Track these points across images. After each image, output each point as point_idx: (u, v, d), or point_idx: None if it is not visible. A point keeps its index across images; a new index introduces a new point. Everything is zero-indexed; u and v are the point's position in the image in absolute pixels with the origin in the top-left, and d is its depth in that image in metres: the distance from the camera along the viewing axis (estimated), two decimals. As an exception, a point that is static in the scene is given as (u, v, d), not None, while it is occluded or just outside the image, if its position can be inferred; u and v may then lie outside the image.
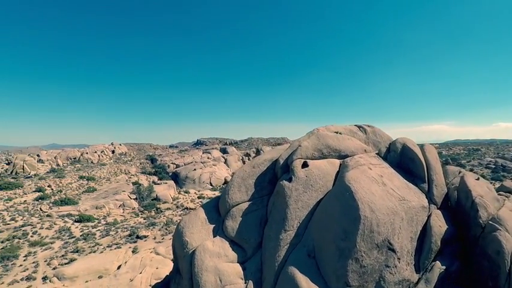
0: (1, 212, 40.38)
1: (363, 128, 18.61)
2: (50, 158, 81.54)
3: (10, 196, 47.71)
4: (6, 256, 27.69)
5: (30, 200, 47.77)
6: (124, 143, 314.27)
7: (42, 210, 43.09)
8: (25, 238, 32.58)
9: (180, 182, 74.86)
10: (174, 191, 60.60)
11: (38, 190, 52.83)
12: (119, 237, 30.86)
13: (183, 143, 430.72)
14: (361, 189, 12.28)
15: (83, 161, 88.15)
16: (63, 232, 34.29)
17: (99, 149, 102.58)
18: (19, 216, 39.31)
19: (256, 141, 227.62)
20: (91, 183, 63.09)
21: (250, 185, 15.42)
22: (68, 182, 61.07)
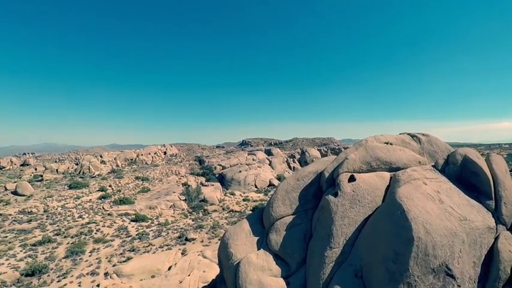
0: (71, 210, 45.37)
1: (417, 137, 17.30)
2: (110, 160, 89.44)
3: (78, 195, 53.35)
4: (75, 251, 30.98)
5: (94, 198, 52.92)
6: (174, 143, 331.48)
7: (104, 208, 47.42)
8: (90, 235, 36.14)
9: (226, 183, 76.91)
10: (220, 193, 62.43)
11: (100, 189, 58.28)
12: (169, 239, 32.70)
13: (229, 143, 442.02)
14: (414, 207, 11.38)
15: (139, 162, 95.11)
16: (121, 231, 37.36)
17: (152, 151, 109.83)
18: (85, 214, 43.77)
19: (301, 142, 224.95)
20: (145, 184, 67.83)
21: (295, 198, 15.20)
22: (126, 182, 66.37)
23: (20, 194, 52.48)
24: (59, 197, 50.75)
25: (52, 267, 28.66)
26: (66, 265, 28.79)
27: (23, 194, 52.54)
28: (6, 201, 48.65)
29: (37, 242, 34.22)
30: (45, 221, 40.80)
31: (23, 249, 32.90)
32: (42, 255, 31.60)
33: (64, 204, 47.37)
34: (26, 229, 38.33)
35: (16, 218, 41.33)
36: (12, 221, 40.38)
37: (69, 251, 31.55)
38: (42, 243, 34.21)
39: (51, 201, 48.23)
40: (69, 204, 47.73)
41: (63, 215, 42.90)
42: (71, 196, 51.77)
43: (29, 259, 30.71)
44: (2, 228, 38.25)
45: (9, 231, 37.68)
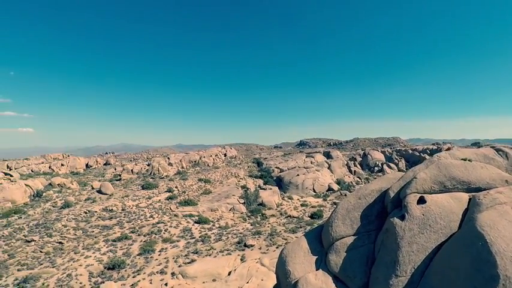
0: (143, 209, 50.19)
1: (503, 151, 15.09)
2: (176, 161, 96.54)
3: (150, 195, 58.75)
4: (147, 250, 34.14)
5: (163, 199, 57.70)
6: (233, 143, 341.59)
7: (171, 209, 51.36)
8: (159, 234, 39.47)
9: (283, 186, 76.93)
10: (278, 197, 62.68)
11: (168, 190, 63.30)
12: (229, 244, 33.94)
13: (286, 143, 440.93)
14: (499, 238, 9.87)
15: (201, 164, 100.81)
16: (186, 232, 40.03)
17: (213, 153, 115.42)
18: (155, 214, 47.98)
19: (362, 142, 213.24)
20: (207, 186, 71.62)
21: (356, 218, 14.45)
22: (190, 184, 70.92)
23: (103, 193, 59.96)
24: (134, 196, 56.59)
25: (128, 262, 32.04)
26: (140, 262, 31.93)
27: (106, 192, 59.90)
28: (93, 199, 56.00)
29: (117, 238, 38.63)
30: (123, 218, 45.85)
31: (105, 244, 37.45)
32: (120, 251, 35.56)
33: (138, 204, 52.63)
34: (108, 225, 43.58)
35: (100, 215, 47.25)
36: (98, 217, 46.27)
37: (142, 249, 34.91)
38: (121, 240, 38.49)
39: (128, 200, 54.01)
40: (142, 204, 52.87)
41: (137, 214, 47.66)
42: (143, 196, 57.29)
43: (110, 254, 34.82)
44: (90, 224, 44.12)
45: (95, 227, 43.27)
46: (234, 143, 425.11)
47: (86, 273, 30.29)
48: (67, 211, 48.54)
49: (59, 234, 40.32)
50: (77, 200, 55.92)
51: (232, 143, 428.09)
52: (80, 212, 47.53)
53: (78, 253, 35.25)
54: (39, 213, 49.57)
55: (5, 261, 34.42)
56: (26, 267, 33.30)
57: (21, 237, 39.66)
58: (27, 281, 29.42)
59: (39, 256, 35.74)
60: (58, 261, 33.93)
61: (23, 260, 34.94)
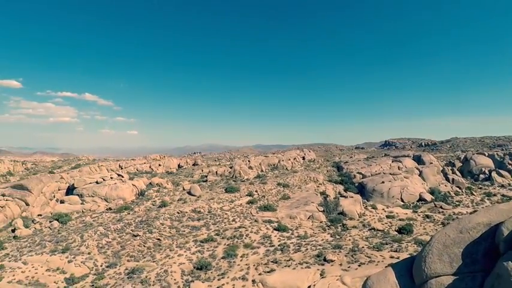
0: (227, 213, 53.58)
1: None
2: (256, 165, 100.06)
3: (232, 198, 62.38)
4: (230, 254, 36.30)
5: (244, 203, 60.57)
6: (311, 143, 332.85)
7: (252, 214, 53.49)
8: (241, 239, 41.55)
9: (366, 194, 72.21)
10: (360, 206, 59.12)
11: (248, 194, 66.10)
12: (308, 256, 33.54)
13: (369, 143, 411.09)
14: None
15: (280, 167, 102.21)
16: (265, 239, 41.16)
17: (292, 156, 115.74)
18: (237, 218, 50.69)
19: (463, 143, 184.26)
20: (286, 190, 72.23)
21: (456, 254, 12.62)
22: (269, 188, 72.65)
23: (192, 194, 66.26)
24: (218, 199, 60.92)
25: (214, 265, 34.66)
26: (224, 265, 34.20)
27: (194, 194, 66.04)
28: (184, 200, 62.44)
29: (204, 240, 42.20)
30: (209, 220, 49.81)
31: (194, 244, 41.30)
32: (207, 252, 38.72)
33: (222, 207, 56.46)
34: (197, 226, 47.95)
35: (190, 215, 52.31)
36: (188, 218, 51.35)
37: (226, 253, 37.31)
38: (207, 241, 41.89)
39: (213, 203, 58.43)
40: (226, 207, 56.50)
41: (221, 217, 51.14)
42: (226, 199, 61.18)
43: (198, 254, 38.23)
44: (182, 223, 49.27)
45: (186, 226, 48.11)
46: (312, 143, 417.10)
47: (178, 270, 33.95)
48: (164, 210, 55.19)
49: (158, 231, 46.16)
50: (171, 200, 63.05)
51: (311, 143, 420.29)
52: (174, 211, 53.48)
53: (173, 251, 39.75)
54: (142, 211, 57.69)
55: (119, 252, 41.10)
56: (133, 259, 39.14)
57: (129, 231, 46.76)
58: (134, 272, 34.53)
59: (142, 250, 41.59)
60: (157, 256, 38.87)
61: (131, 251, 41.16)
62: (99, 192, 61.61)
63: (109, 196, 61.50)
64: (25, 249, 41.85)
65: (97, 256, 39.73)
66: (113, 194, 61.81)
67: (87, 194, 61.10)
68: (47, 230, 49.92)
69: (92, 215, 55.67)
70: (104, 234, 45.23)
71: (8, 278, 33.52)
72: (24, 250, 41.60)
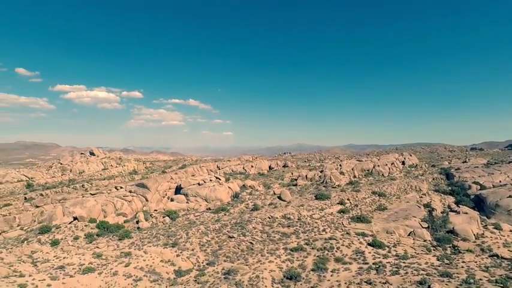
0: (317, 221, 52.79)
1: None
2: (348, 170, 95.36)
3: (322, 206, 61.11)
4: (320, 267, 35.68)
5: (334, 211, 58.57)
6: (413, 143, 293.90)
7: (343, 224, 51.29)
8: (331, 252, 40.35)
9: (486, 210, 60.62)
10: (477, 225, 49.96)
11: (340, 203, 63.56)
12: (408, 282, 30.14)
13: (490, 143, 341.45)
14: None
15: (375, 173, 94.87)
16: (358, 254, 38.88)
17: (389, 161, 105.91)
18: (328, 228, 49.40)
19: None
20: (382, 200, 66.62)
21: None
22: (363, 197, 68.29)
23: (282, 199, 67.67)
24: (308, 206, 60.56)
25: (303, 276, 34.65)
26: (313, 279, 33.83)
27: (285, 199, 67.29)
28: (274, 205, 64.34)
29: (293, 248, 42.61)
30: (298, 228, 50.03)
31: (284, 252, 42.11)
32: (296, 262, 38.99)
33: (312, 215, 55.92)
34: (287, 233, 48.77)
35: (280, 221, 53.55)
36: (278, 223, 52.70)
37: (316, 265, 36.82)
38: (297, 250, 42.15)
39: (303, 210, 58.40)
40: (316, 215, 55.72)
41: (311, 226, 50.68)
42: (316, 207, 60.26)
43: (288, 263, 38.83)
44: (272, 229, 50.89)
45: (276, 233, 49.45)
46: (414, 143, 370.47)
47: (269, 277, 35.21)
48: (256, 214, 58.03)
49: (250, 235, 48.84)
50: (263, 204, 65.77)
51: (412, 143, 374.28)
52: (265, 216, 55.64)
53: (264, 256, 41.44)
54: (237, 213, 61.97)
55: (217, 251, 45.22)
56: (229, 260, 42.44)
57: (225, 232, 50.87)
58: (230, 273, 37.41)
59: (237, 252, 44.68)
60: (250, 260, 41.17)
61: (227, 252, 44.74)
62: (201, 193, 69.03)
63: (208, 197, 68.31)
64: (145, 240, 50.16)
65: (199, 253, 44.60)
66: (211, 195, 68.40)
67: (191, 194, 69.30)
68: (161, 224, 58.73)
69: (195, 213, 62.85)
70: (204, 233, 50.44)
71: (134, 264, 40.72)
72: (145, 241, 49.91)
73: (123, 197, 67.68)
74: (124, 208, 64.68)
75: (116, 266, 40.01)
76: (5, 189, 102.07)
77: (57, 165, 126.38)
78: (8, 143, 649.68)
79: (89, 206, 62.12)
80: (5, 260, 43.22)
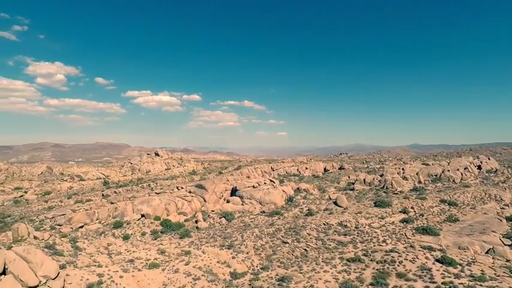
0: (376, 231, 49.72)
1: None
2: (412, 175, 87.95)
3: (382, 214, 57.33)
4: (380, 282, 33.47)
5: (396, 221, 54.49)
6: (491, 143, 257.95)
7: (407, 236, 47.41)
8: (393, 266, 37.57)
9: None
10: None
11: (402, 211, 58.91)
12: (487, 310, 26.53)
13: None
14: None
15: (444, 179, 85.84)
16: (424, 271, 35.50)
17: (461, 165, 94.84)
18: (389, 239, 46.16)
19: None
20: (453, 210, 59.97)
21: None
22: (429, 206, 62.33)
23: (338, 205, 65.23)
24: (366, 214, 57.36)
25: (361, 291, 32.87)
26: (372, 294, 31.85)
27: (341, 205, 64.75)
28: (330, 210, 62.36)
29: (350, 259, 40.75)
30: (356, 237, 47.72)
31: (340, 262, 40.51)
32: (353, 274, 37.20)
33: (371, 223, 52.83)
34: (343, 242, 46.88)
35: (336, 229, 51.71)
36: (334, 231, 50.95)
37: (375, 279, 34.64)
38: (354, 261, 40.21)
39: (361, 217, 55.51)
40: (375, 224, 52.50)
41: (370, 235, 47.91)
42: (376, 215, 56.74)
43: (345, 274, 37.24)
44: (328, 236, 49.39)
45: (332, 240, 47.87)
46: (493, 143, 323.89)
47: (324, 288, 34.18)
48: (310, 219, 56.92)
49: (305, 241, 48.10)
50: (317, 209, 64.25)
51: (489, 143, 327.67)
52: (320, 222, 54.25)
53: (319, 265, 40.41)
54: (291, 217, 61.59)
55: (271, 256, 45.49)
56: (283, 266, 42.38)
57: (279, 237, 50.90)
58: (283, 280, 37.31)
59: (291, 258, 44.39)
60: (304, 268, 40.53)
61: (281, 258, 44.72)
62: (255, 195, 70.20)
63: (263, 200, 69.12)
64: (203, 240, 52.78)
65: (253, 257, 45.39)
66: (266, 198, 69.09)
67: (246, 197, 70.91)
68: (217, 225, 61.26)
69: (249, 216, 64.15)
70: (259, 237, 51.15)
71: (193, 263, 43.13)
72: (203, 240, 52.54)
73: (183, 197, 72.22)
74: (184, 208, 68.96)
75: (177, 264, 42.85)
76: (87, 185, 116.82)
77: (128, 165, 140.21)
78: (89, 144, 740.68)
79: (154, 204, 67.61)
80: (87, 251, 49.39)
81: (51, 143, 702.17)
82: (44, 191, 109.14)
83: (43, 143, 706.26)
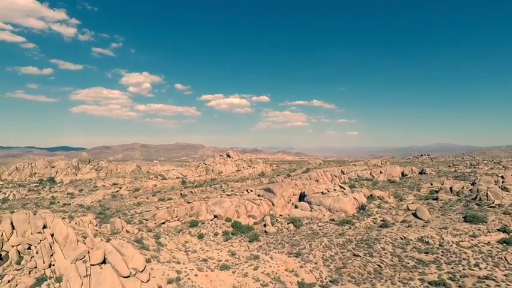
0: (466, 251, 43.34)
1: None
2: None
3: (474, 232, 49.65)
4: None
5: (493, 241, 46.56)
6: None
7: (507, 261, 40.20)
8: (489, 297, 32.31)
9: None
10: None
11: (501, 229, 50.12)
12: None
13: None
14: None
15: (561, 191, 70.19)
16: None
17: None
18: (483, 262, 39.85)
19: None
20: None
21: None
22: (539, 224, 51.67)
23: (418, 217, 58.80)
24: (453, 230, 50.44)
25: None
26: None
27: (421, 218, 58.23)
28: (408, 223, 56.69)
29: (433, 282, 36.40)
30: (440, 257, 42.43)
31: (421, 284, 36.54)
32: (437, 300, 33.12)
33: (459, 242, 46.29)
34: (424, 261, 42.16)
35: (416, 245, 46.82)
36: (413, 247, 46.23)
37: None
38: (437, 285, 35.80)
39: (447, 234, 49.09)
40: (464, 243, 45.80)
41: (458, 256, 42.05)
42: (466, 232, 49.44)
43: (426, 299, 33.43)
44: (406, 253, 45.04)
45: (410, 258, 43.47)
46: None
47: (401, 313, 31.25)
48: (385, 232, 52.74)
49: (379, 256, 44.77)
50: (394, 220, 59.12)
51: None
52: (397, 236, 49.86)
53: (395, 285, 37.16)
54: (363, 227, 58.06)
55: (340, 269, 43.62)
56: (353, 281, 40.20)
57: (350, 248, 48.47)
58: (354, 297, 35.36)
59: (362, 273, 41.81)
60: (377, 286, 37.77)
61: (351, 271, 42.51)
62: (324, 202, 68.19)
63: (332, 207, 66.72)
64: (271, 245, 53.48)
65: (322, 268, 44.14)
66: (335, 206, 66.52)
67: (314, 203, 69.45)
68: (285, 230, 61.37)
69: (318, 223, 62.61)
70: (327, 247, 49.57)
71: (261, 269, 44.02)
72: (271, 246, 53.27)
73: (252, 200, 74.37)
74: (253, 211, 70.95)
75: (246, 268, 44.28)
76: (168, 184, 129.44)
77: (203, 165, 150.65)
78: (170, 144, 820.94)
79: (226, 206, 71.20)
80: (167, 247, 54.70)
81: (140, 144, 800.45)
82: (134, 187, 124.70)
83: (134, 143, 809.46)
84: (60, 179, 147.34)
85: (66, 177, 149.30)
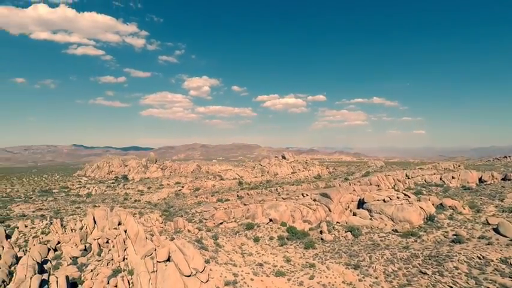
0: None
1: None
2: None
3: None
4: None
5: None
6: None
7: None
8: None
9: None
10: None
11: None
12: None
13: None
14: None
15: None
16: None
17: None
18: None
19: None
20: None
21: None
22: None
23: (501, 234, 51.08)
24: (547, 252, 42.89)
25: None
26: None
27: (504, 234, 50.47)
28: (488, 240, 49.76)
29: (520, 314, 31.38)
30: (530, 284, 36.36)
31: (504, 315, 31.77)
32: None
33: (555, 267, 39.15)
34: (508, 287, 36.58)
35: (498, 267, 40.84)
36: (494, 269, 40.42)
37: None
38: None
39: (538, 256, 41.93)
40: None
41: (554, 285, 35.56)
42: None
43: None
44: (485, 275, 39.56)
45: (490, 282, 38.06)
46: None
47: None
48: (458, 248, 47.17)
49: (451, 276, 40.19)
50: (469, 235, 52.53)
51: None
52: (473, 255, 44.18)
53: (471, 312, 32.94)
54: (431, 241, 52.77)
55: (404, 286, 40.27)
56: (420, 302, 36.74)
57: (416, 264, 44.45)
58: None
59: (431, 294, 37.94)
60: (449, 311, 33.90)
61: (418, 291, 38.88)
62: (386, 211, 63.67)
63: (395, 217, 61.95)
64: (328, 254, 51.86)
65: (383, 283, 41.29)
66: (399, 215, 61.63)
67: (375, 211, 65.32)
68: (343, 239, 58.92)
69: (379, 233, 58.71)
70: (390, 261, 46.22)
71: (317, 279, 42.93)
72: (327, 255, 51.68)
73: (308, 205, 73.08)
74: (309, 216, 69.68)
75: (301, 276, 43.67)
76: (225, 184, 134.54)
77: (258, 167, 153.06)
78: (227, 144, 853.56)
79: (281, 210, 71.22)
80: (225, 248, 56.79)
81: (200, 144, 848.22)
82: (194, 187, 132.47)
83: (194, 144, 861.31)
84: (132, 177, 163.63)
85: (137, 175, 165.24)
